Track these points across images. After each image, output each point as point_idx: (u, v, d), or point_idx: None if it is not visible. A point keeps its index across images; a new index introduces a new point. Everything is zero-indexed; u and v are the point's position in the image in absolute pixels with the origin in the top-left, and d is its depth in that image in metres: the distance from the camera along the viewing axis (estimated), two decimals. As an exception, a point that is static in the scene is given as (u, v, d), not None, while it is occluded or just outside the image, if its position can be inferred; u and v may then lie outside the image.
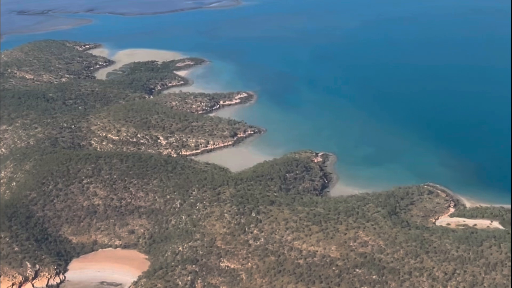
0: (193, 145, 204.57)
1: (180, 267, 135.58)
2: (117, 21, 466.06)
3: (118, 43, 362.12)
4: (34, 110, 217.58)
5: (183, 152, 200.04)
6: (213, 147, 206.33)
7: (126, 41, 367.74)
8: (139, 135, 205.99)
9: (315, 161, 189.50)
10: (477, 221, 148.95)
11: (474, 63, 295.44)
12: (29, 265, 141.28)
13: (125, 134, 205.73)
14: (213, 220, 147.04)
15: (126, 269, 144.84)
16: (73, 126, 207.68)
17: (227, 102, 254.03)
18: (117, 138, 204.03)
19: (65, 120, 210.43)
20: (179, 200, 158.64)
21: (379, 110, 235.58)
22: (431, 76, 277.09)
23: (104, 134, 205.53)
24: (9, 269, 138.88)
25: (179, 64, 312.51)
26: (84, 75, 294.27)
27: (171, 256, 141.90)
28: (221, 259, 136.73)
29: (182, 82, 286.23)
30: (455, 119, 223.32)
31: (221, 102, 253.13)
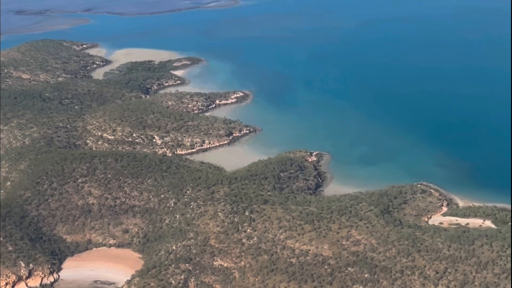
0: (188, 144, 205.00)
1: (173, 266, 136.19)
2: (114, 21, 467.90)
3: (115, 42, 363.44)
4: (30, 110, 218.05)
5: (178, 152, 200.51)
6: (208, 146, 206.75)
7: (123, 40, 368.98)
8: (134, 135, 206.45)
9: (309, 160, 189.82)
10: (470, 220, 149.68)
11: (471, 64, 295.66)
12: (23, 265, 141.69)
13: (120, 134, 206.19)
14: (206, 219, 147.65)
15: (120, 268, 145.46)
16: (68, 126, 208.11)
17: (223, 102, 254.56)
18: (112, 137, 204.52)
19: (61, 119, 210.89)
20: (173, 199, 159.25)
21: (375, 110, 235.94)
22: (426, 77, 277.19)
23: (99, 134, 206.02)
24: (2, 268, 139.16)
25: (176, 64, 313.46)
26: (81, 74, 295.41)
27: (164, 255, 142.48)
28: (214, 257, 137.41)
29: (179, 81, 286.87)
30: (450, 119, 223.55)
31: (217, 101, 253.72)
